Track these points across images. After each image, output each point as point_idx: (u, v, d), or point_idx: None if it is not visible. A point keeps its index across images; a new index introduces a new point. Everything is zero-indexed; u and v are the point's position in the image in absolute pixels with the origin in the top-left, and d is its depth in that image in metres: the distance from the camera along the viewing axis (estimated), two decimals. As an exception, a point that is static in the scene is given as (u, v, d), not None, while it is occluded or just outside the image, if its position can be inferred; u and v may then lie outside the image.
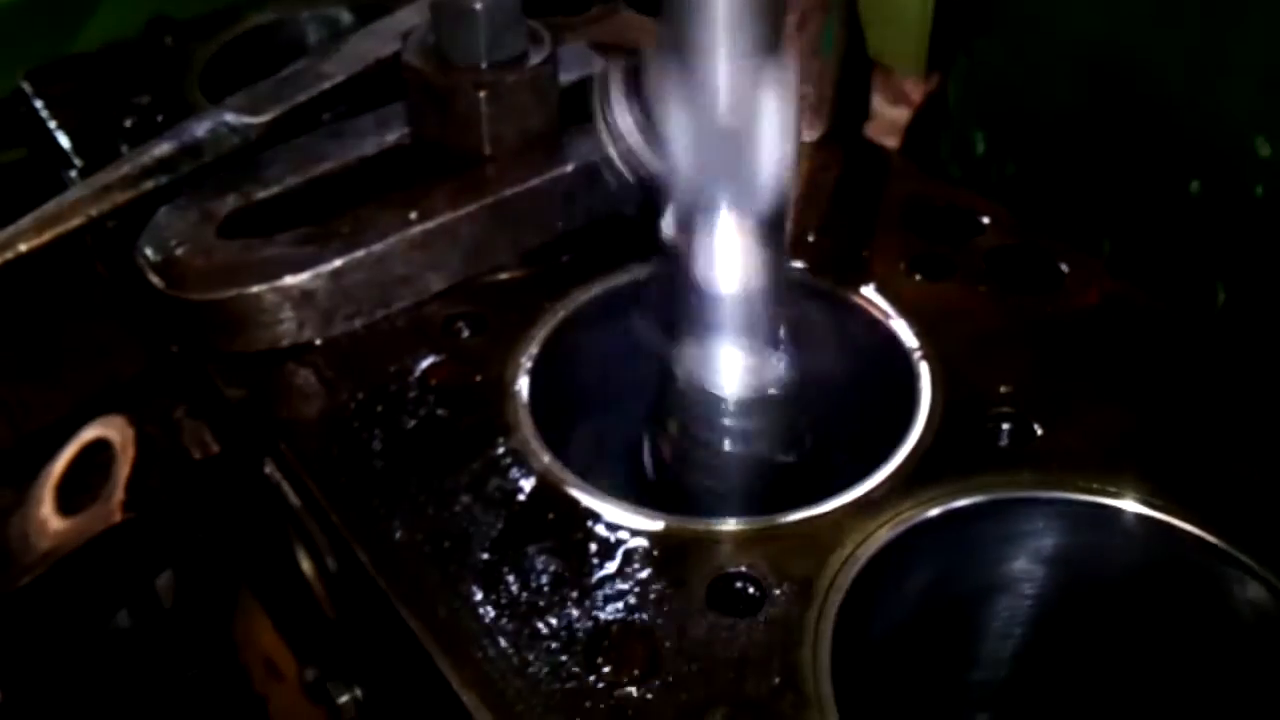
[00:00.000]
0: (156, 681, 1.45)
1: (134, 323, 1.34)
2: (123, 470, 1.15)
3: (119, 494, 1.11)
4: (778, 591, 0.76)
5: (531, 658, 0.73)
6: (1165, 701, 0.86)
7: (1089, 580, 0.84)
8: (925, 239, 1.06)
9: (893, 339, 0.95)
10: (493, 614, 0.76)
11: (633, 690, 0.71)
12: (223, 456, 1.08)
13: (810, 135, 0.99)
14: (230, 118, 1.15)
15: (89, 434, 1.16)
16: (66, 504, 1.15)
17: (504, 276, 1.05)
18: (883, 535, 0.79)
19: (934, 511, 0.80)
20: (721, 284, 0.80)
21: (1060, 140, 1.55)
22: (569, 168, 1.05)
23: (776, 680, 0.71)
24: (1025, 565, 0.84)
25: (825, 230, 1.08)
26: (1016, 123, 1.61)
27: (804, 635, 0.74)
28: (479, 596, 0.77)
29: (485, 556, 0.80)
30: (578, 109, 1.12)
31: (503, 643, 0.74)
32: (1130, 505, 0.80)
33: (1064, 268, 1.02)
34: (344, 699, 0.97)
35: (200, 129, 1.13)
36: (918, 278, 1.02)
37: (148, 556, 1.27)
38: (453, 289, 1.02)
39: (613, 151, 0.96)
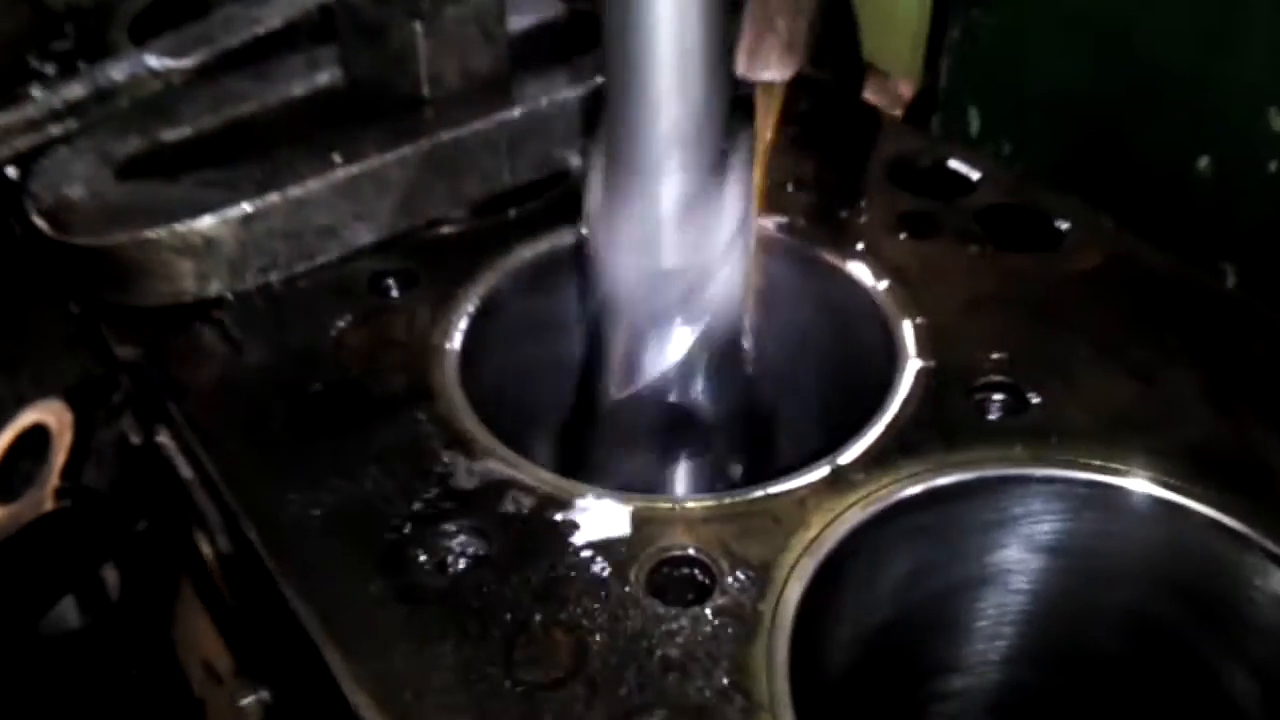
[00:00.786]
0: (96, 681, 1.35)
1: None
2: (59, 457, 1.06)
3: (54, 481, 1.02)
4: (730, 578, 0.66)
5: (438, 653, 0.62)
6: (1176, 712, 0.75)
7: (1090, 572, 0.73)
8: (912, 195, 0.96)
9: (869, 299, 0.85)
10: (396, 602, 0.65)
11: (554, 692, 0.60)
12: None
13: (782, 74, 0.88)
14: (152, 61, 1.05)
15: (26, 419, 1.07)
16: (5, 491, 1.07)
17: (442, 231, 0.94)
18: (854, 516, 0.68)
19: (914, 489, 0.70)
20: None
21: (1060, 117, 1.45)
22: (515, 112, 0.94)
23: (724, 681, 0.61)
24: (1018, 554, 0.73)
25: (801, 183, 0.97)
26: (1013, 99, 1.52)
27: (758, 629, 0.63)
28: (381, 582, 0.66)
29: (393, 536, 0.69)
30: (533, 57, 1.02)
31: (405, 636, 0.63)
32: (1139, 484, 0.69)
33: (1063, 226, 0.91)
34: (247, 700, 0.85)
35: (117, 72, 1.04)
36: (903, 236, 0.91)
37: (84, 546, 1.18)
38: (384, 243, 0.92)
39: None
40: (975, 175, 0.97)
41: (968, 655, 0.78)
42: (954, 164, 0.99)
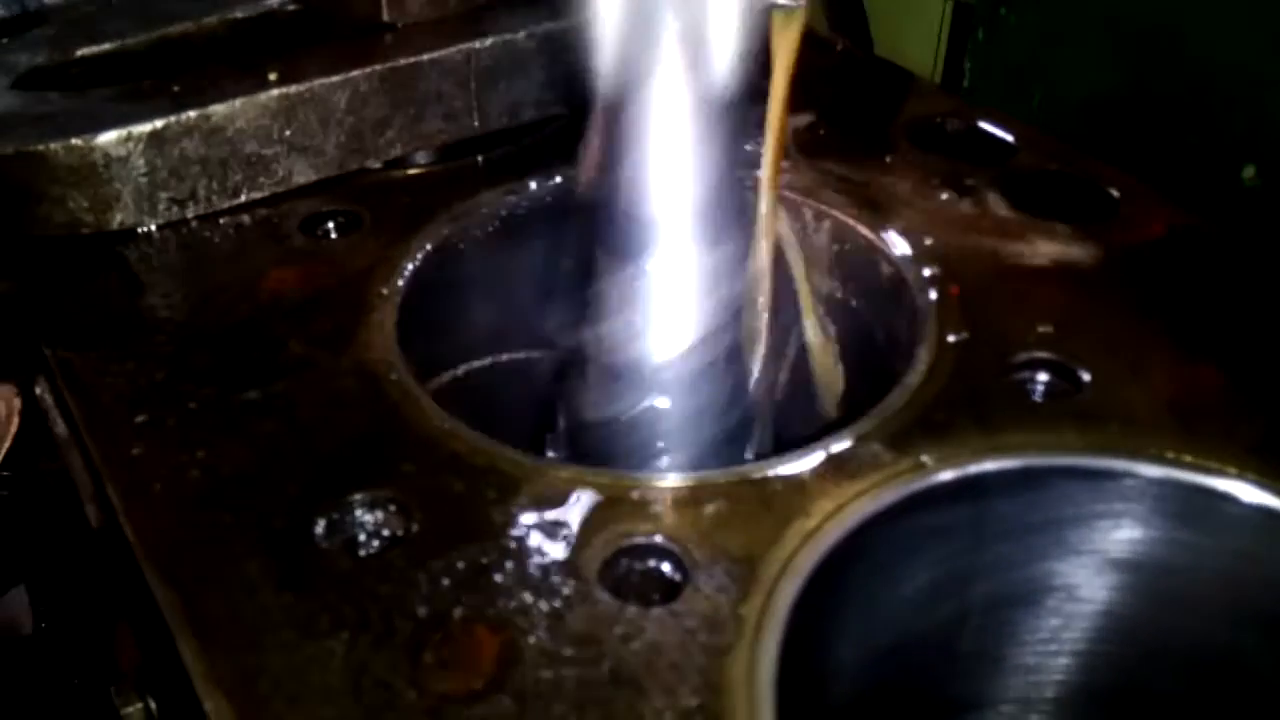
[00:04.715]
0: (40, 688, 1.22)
1: None
2: (3, 444, 0.93)
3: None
4: (705, 574, 0.52)
5: (325, 650, 0.48)
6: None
7: (1161, 594, 0.58)
8: (948, 158, 0.82)
9: (892, 264, 0.71)
10: (280, 585, 0.51)
11: (469, 707, 0.46)
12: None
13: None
14: (90, -15, 0.93)
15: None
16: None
17: (396, 174, 0.81)
18: (864, 505, 0.54)
19: (940, 477, 0.56)
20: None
21: (1093, 124, 1.34)
22: (485, 41, 0.82)
23: (693, 701, 0.47)
24: (1067, 567, 0.59)
25: (823, 141, 0.84)
26: (1041, 103, 1.41)
27: (738, 638, 0.49)
28: (265, 560, 0.52)
29: (287, 508, 0.55)
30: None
31: (285, 627, 0.49)
32: (1242, 488, 0.55)
33: (1115, 193, 0.78)
34: (130, 709, 0.71)
35: (50, -7, 0.91)
36: (938, 200, 0.78)
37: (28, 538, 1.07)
38: (328, 183, 0.79)
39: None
40: (1009, 138, 0.84)
41: (999, 691, 0.63)
42: (988, 127, 0.86)
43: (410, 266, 0.71)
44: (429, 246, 0.73)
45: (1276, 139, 1.13)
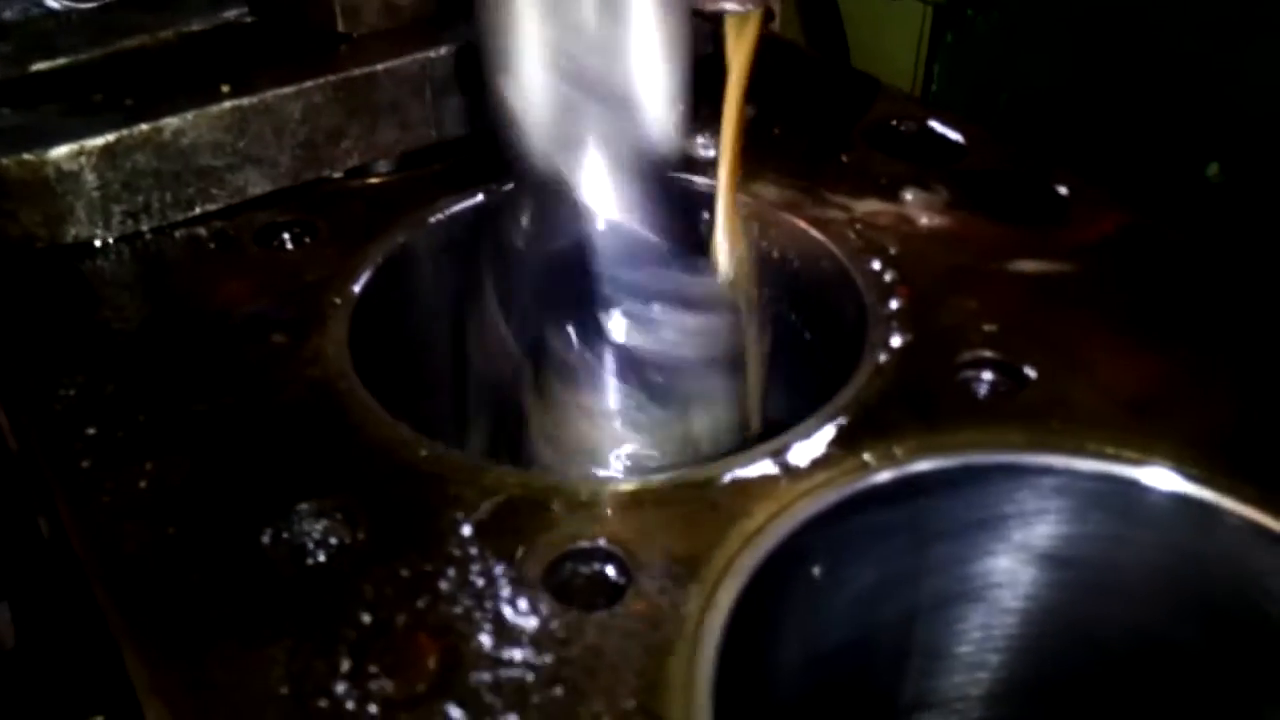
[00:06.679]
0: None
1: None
2: None
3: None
4: (648, 575, 0.52)
5: (267, 658, 0.49)
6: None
7: (1097, 586, 0.59)
8: (896, 158, 0.83)
9: (836, 262, 0.72)
10: (225, 595, 0.51)
11: (411, 712, 0.47)
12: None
13: (743, 4, 0.76)
14: (50, 1, 0.93)
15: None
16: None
17: (354, 183, 0.82)
18: (808, 506, 0.55)
19: (882, 477, 0.56)
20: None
21: (1060, 121, 1.35)
22: (439, 51, 0.82)
23: (631, 702, 0.47)
24: (1009, 564, 0.60)
25: (776, 143, 0.85)
26: (1009, 102, 1.42)
27: (679, 638, 0.49)
28: (211, 571, 0.53)
29: (234, 518, 0.55)
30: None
31: (228, 636, 0.50)
32: (1162, 477, 0.56)
33: (1063, 191, 0.79)
34: (89, 723, 0.72)
35: (8, 10, 0.92)
36: (885, 200, 0.78)
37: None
38: (285, 193, 0.79)
39: None
40: (960, 139, 0.85)
41: (944, 689, 0.63)
42: (939, 127, 0.86)
43: (366, 274, 0.72)
44: (382, 257, 0.74)
45: (1239, 136, 1.14)
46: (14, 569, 1.10)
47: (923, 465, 0.57)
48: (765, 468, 0.57)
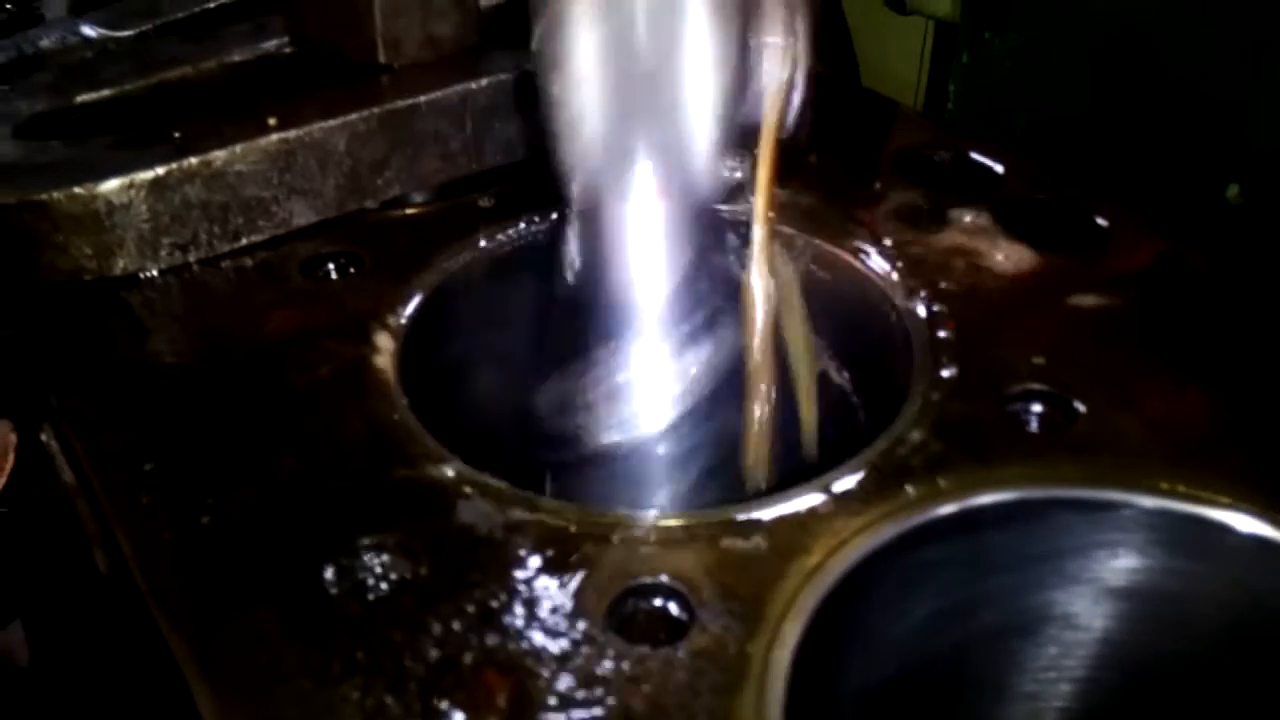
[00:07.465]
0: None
1: None
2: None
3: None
4: (711, 613, 0.52)
5: (340, 696, 0.49)
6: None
7: (1156, 620, 0.59)
8: (935, 189, 0.84)
9: (884, 298, 0.72)
10: (291, 634, 0.52)
11: (482, 750, 0.47)
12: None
13: (785, 40, 0.77)
14: (87, 29, 0.94)
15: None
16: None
17: (397, 214, 0.82)
18: (866, 541, 0.55)
19: (940, 511, 0.57)
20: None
21: (1077, 143, 1.36)
22: (480, 82, 0.83)
23: (701, 742, 0.47)
24: (1065, 597, 0.60)
25: (814, 175, 0.85)
26: (1029, 127, 1.42)
27: (745, 677, 0.50)
28: (275, 609, 0.53)
29: (296, 553, 0.56)
30: (513, 29, 0.91)
31: (299, 674, 0.50)
32: (1231, 515, 0.56)
33: (1104, 223, 0.79)
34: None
35: (46, 38, 0.93)
36: (925, 232, 0.79)
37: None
38: (328, 224, 0.80)
39: None
40: (1000, 168, 0.86)
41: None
42: (977, 156, 0.87)
43: (411, 307, 0.72)
44: (431, 286, 0.74)
45: (1258, 157, 1.15)
46: (35, 589, 1.10)
47: (980, 499, 0.57)
48: (820, 504, 0.58)
